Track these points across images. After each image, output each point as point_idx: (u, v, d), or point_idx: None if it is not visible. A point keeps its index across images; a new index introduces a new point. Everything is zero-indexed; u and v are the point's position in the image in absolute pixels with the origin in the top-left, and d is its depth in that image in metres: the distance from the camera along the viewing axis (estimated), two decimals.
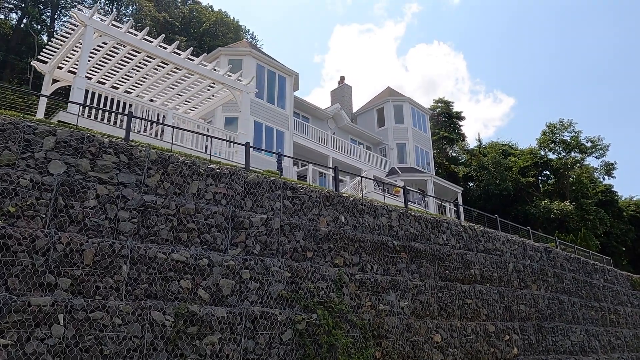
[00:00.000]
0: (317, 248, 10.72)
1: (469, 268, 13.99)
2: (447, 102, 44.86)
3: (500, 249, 16.32)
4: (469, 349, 12.23)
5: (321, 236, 10.86)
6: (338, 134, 31.79)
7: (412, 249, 12.66)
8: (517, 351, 13.71)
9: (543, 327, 15.26)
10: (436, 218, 14.41)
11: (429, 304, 11.98)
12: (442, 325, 11.92)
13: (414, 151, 33.80)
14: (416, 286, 11.89)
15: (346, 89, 38.21)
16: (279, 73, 25.31)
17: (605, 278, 23.16)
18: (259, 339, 8.44)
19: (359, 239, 11.52)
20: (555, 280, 18.12)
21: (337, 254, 10.99)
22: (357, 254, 11.38)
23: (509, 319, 14.33)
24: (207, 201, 9.74)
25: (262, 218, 10.00)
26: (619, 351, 19.35)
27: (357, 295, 10.55)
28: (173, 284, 8.10)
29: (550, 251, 19.20)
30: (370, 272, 11.33)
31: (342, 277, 10.37)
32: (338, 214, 11.82)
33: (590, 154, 38.79)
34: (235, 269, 8.85)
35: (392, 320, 10.77)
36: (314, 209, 11.39)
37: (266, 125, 23.61)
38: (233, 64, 23.89)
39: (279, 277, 9.42)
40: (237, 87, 14.65)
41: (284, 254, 10.08)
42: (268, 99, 24.26)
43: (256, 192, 10.59)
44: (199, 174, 9.84)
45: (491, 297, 14.00)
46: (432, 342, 11.42)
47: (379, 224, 12.68)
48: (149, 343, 7.30)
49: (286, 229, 10.34)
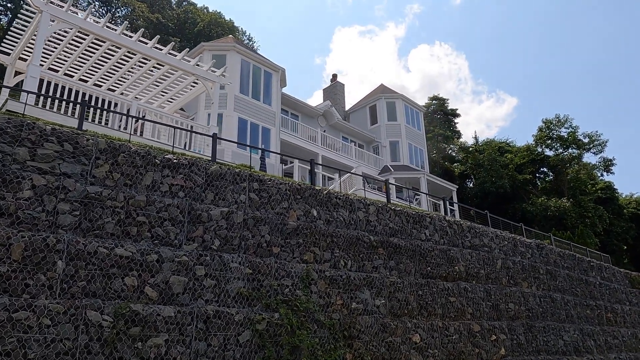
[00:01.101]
0: (284, 243, 10.07)
1: (453, 265, 13.30)
2: (441, 99, 44.15)
3: (489, 245, 15.63)
4: (451, 350, 11.53)
5: (289, 231, 10.21)
6: (329, 131, 31.14)
7: (390, 245, 11.99)
8: (504, 352, 13.00)
9: (533, 327, 14.55)
10: (418, 213, 13.74)
11: (407, 303, 11.29)
12: (422, 324, 11.24)
13: (407, 149, 33.12)
14: (394, 283, 11.21)
15: (339, 86, 37.59)
16: (264, 69, 24.71)
17: (602, 276, 22.41)
18: (211, 341, 7.78)
19: (331, 233, 10.86)
20: (548, 277, 17.40)
21: (307, 249, 10.33)
22: (329, 250, 10.72)
23: (497, 318, 13.63)
24: (163, 193, 9.10)
25: (222, 211, 9.35)
26: (616, 351, 18.60)
27: (327, 293, 9.88)
28: (116, 281, 7.45)
29: (543, 248, 18.48)
30: (343, 269, 10.66)
31: (310, 274, 9.70)
32: (310, 208, 11.17)
33: (588, 150, 37.98)
34: (188, 265, 8.20)
35: (365, 319, 10.09)
36: (283, 202, 10.74)
37: (251, 122, 22.99)
38: (217, 60, 23.34)
39: (239, 273, 8.76)
40: (209, 78, 14.02)
41: (247, 249, 9.43)
42: (253, 95, 23.64)
43: (218, 185, 9.94)
44: (154, 164, 9.21)
45: (477, 295, 13.31)
46: (410, 342, 10.73)
47: (355, 218, 12.02)
48: (83, 345, 6.65)
49: (250, 223, 9.69)
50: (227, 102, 22.37)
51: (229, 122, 21.95)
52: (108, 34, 12.09)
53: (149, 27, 48.65)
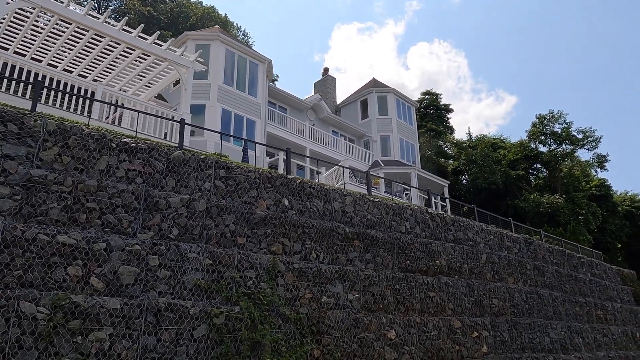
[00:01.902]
0: (251, 234, 9.54)
1: (434, 258, 12.79)
2: (434, 94, 43.58)
3: (474, 239, 15.13)
4: (429, 347, 11.03)
5: (257, 220, 9.68)
6: (318, 125, 30.58)
7: (367, 237, 11.47)
8: (486, 349, 12.50)
9: (518, 323, 14.06)
10: (399, 204, 13.22)
11: (383, 297, 10.78)
12: (398, 320, 10.72)
13: (398, 143, 32.59)
14: (369, 277, 10.69)
15: (330, 80, 37.01)
16: (250, 59, 24.12)
17: (593, 272, 21.96)
18: (162, 335, 7.24)
19: (303, 224, 10.33)
20: (535, 273, 16.92)
21: (275, 240, 9.80)
22: (299, 241, 10.19)
23: (479, 314, 13.13)
24: (118, 179, 8.56)
25: (183, 199, 8.81)
26: (605, 349, 18.14)
27: (295, 286, 9.35)
28: (57, 270, 6.91)
29: (531, 243, 18.00)
30: (314, 261, 10.14)
31: (276, 266, 9.17)
32: (281, 197, 10.64)
33: (582, 146, 37.50)
34: (140, 255, 7.66)
35: (336, 314, 9.57)
36: (252, 190, 10.21)
37: (235, 114, 22.42)
38: (201, 49, 22.72)
39: (197, 264, 8.23)
40: (182, 64, 13.47)
41: (209, 239, 8.89)
42: (238, 86, 23.06)
43: (181, 171, 9.41)
44: (110, 148, 8.67)
45: (459, 290, 12.80)
46: (384, 338, 10.22)
47: (330, 209, 11.49)
48: (14, 340, 6.11)
49: (214, 211, 9.16)
50: (210, 92, 21.80)
51: (212, 113, 21.38)
52: (73, 15, 11.52)
53: (140, 21, 47.94)
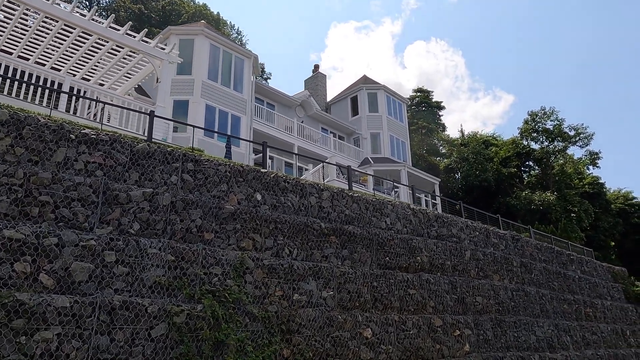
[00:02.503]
0: (219, 229, 9.18)
1: (415, 255, 12.46)
2: (426, 91, 43.24)
3: (458, 235, 14.80)
4: (407, 346, 10.68)
5: (225, 215, 9.31)
6: (308, 122, 30.22)
7: (344, 233, 11.12)
8: (469, 348, 12.17)
9: (503, 321, 13.73)
10: (379, 199, 12.88)
11: (359, 295, 10.43)
12: (375, 318, 10.37)
13: (388, 141, 32.26)
14: (344, 274, 10.33)
15: (320, 77, 36.66)
16: (235, 54, 23.73)
17: (582, 269, 21.69)
18: (116, 335, 6.87)
19: (275, 219, 9.97)
20: (522, 270, 16.61)
21: (245, 235, 9.44)
22: (271, 237, 9.83)
23: (462, 312, 12.80)
24: (77, 171, 8.18)
25: (145, 192, 8.43)
26: (594, 347, 17.85)
27: (264, 283, 8.99)
28: (3, 267, 6.53)
29: (518, 239, 17.69)
30: (286, 258, 9.78)
31: (244, 262, 8.81)
32: (253, 192, 10.28)
33: (574, 143, 37.24)
34: (95, 250, 7.29)
35: (308, 312, 9.21)
36: (222, 184, 9.84)
37: (220, 109, 22.03)
38: (184, 44, 22.38)
39: (159, 260, 7.86)
40: (157, 56, 13.08)
41: (173, 234, 8.53)
42: (223, 81, 22.68)
43: (145, 164, 9.03)
44: (68, 139, 8.29)
45: (441, 288, 12.47)
46: (360, 337, 9.87)
47: (306, 204, 11.14)
48: None
49: (179, 206, 8.79)
50: (193, 88, 21.43)
51: (195, 109, 21.00)
52: (40, 4, 11.12)
53: (131, 19, 47.45)
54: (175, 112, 20.93)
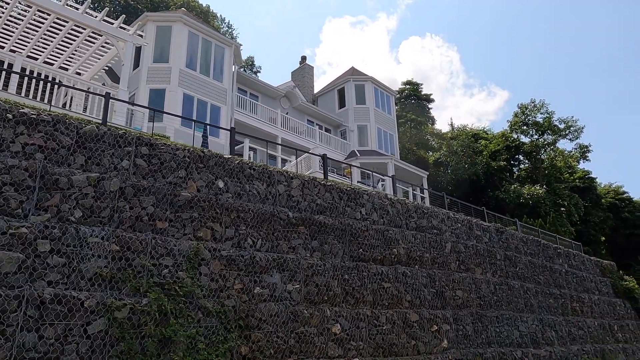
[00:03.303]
0: (174, 217, 8.54)
1: (390, 247, 11.87)
2: (415, 83, 42.61)
3: (438, 227, 14.24)
4: (379, 342, 10.11)
5: (181, 203, 8.67)
6: (293, 114, 29.55)
7: (314, 223, 10.51)
8: (447, 344, 11.62)
9: (484, 316, 13.20)
10: (354, 189, 12.27)
11: (328, 288, 9.83)
12: (346, 313, 9.79)
13: (375, 133, 31.65)
14: (312, 266, 9.73)
15: (307, 69, 35.96)
16: (216, 43, 23.00)
17: (570, 263, 21.21)
18: (45, 331, 6.23)
19: (237, 208, 9.34)
20: (507, 263, 16.09)
21: (203, 225, 8.80)
22: (233, 226, 9.20)
23: (441, 307, 12.24)
24: (13, 154, 7.51)
25: (90, 177, 7.77)
26: (580, 342, 17.38)
27: (222, 275, 8.37)
28: None
29: (503, 232, 17.16)
30: (249, 249, 9.16)
31: (200, 253, 8.18)
32: (215, 179, 9.63)
33: (564, 136, 36.81)
34: (27, 239, 6.63)
35: (270, 307, 8.60)
36: (179, 170, 9.19)
37: (198, 99, 21.33)
38: (162, 31, 21.64)
39: (101, 250, 7.21)
40: (120, 37, 12.37)
41: (121, 222, 7.88)
42: (202, 70, 21.96)
43: (93, 147, 8.37)
44: (5, 119, 7.61)
45: (418, 281, 11.90)
46: (328, 333, 9.28)
47: (274, 192, 10.51)
48: None
49: (129, 192, 8.14)
50: (170, 76, 20.70)
51: (172, 98, 20.29)
52: None
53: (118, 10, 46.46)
54: (152, 101, 20.21)
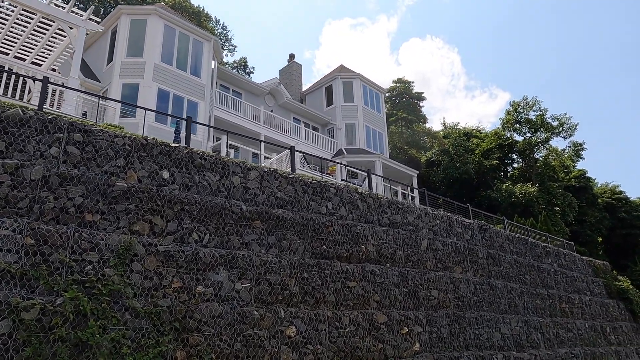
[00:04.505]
0: (107, 210, 7.79)
1: (358, 243, 11.11)
2: (407, 82, 41.87)
3: (414, 223, 13.48)
4: (341, 345, 9.34)
5: (116, 194, 7.92)
6: (279, 112, 28.84)
7: (271, 217, 9.76)
8: (419, 347, 10.85)
9: (462, 318, 12.43)
10: (320, 182, 11.52)
11: (284, 287, 9.07)
12: (303, 314, 9.03)
13: (364, 131, 30.93)
14: (266, 263, 8.97)
15: (295, 67, 35.29)
16: (193, 37, 22.30)
17: (559, 263, 20.43)
18: None
19: (182, 200, 8.60)
20: (490, 262, 15.32)
21: (141, 218, 8.06)
22: (176, 220, 8.45)
23: (413, 307, 11.48)
24: None
25: (5, 164, 7.04)
26: (569, 345, 16.59)
27: (157, 273, 7.61)
28: None
29: (486, 229, 16.39)
30: (193, 244, 8.40)
31: (132, 248, 7.43)
32: (159, 168, 8.89)
33: (557, 134, 36.03)
34: None
35: (213, 307, 7.84)
36: (118, 159, 8.45)
37: (174, 94, 20.61)
38: (136, 25, 20.99)
39: (11, 244, 6.47)
40: (71, 22, 11.66)
41: (42, 214, 7.13)
42: (178, 64, 21.25)
43: (16, 132, 7.63)
44: None
45: (388, 280, 11.13)
46: (281, 336, 8.52)
47: (228, 184, 9.76)
48: None
49: (54, 181, 7.39)
50: (144, 70, 19.99)
51: (146, 93, 19.57)
52: None
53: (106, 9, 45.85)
54: (125, 96, 19.51)
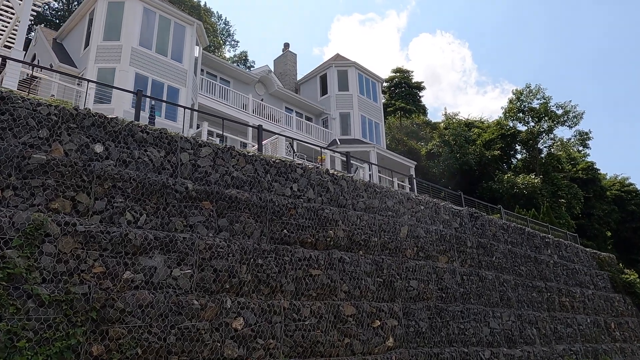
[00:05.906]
0: (20, 185, 6.87)
1: (326, 228, 10.10)
2: (405, 71, 40.63)
3: (395, 208, 12.43)
4: (298, 339, 8.35)
5: (32, 167, 7.00)
6: (270, 101, 27.86)
7: (223, 198, 8.79)
8: (393, 342, 9.82)
9: (445, 310, 11.37)
10: (285, 162, 10.53)
11: (232, 274, 8.09)
12: (254, 305, 8.05)
13: (359, 121, 29.82)
14: (211, 247, 8.00)
15: (289, 56, 34.24)
16: (175, 21, 21.38)
17: (560, 254, 19.24)
18: None
19: (113, 176, 7.65)
20: (480, 252, 14.22)
21: (61, 194, 7.12)
22: (105, 198, 7.51)
23: (388, 299, 10.45)
24: None
25: None
26: (568, 341, 15.45)
27: (75, 256, 6.68)
28: None
29: (478, 217, 15.28)
30: (125, 225, 7.46)
31: (44, 227, 6.49)
32: (91, 142, 7.95)
33: (562, 123, 34.61)
34: None
35: (143, 295, 6.89)
36: (41, 130, 7.53)
37: (153, 79, 19.71)
38: (114, 8, 20.12)
39: None
40: None
41: None
42: (158, 49, 20.33)
43: None
44: None
45: (359, 269, 10.11)
46: (227, 329, 7.56)
47: (174, 161, 8.81)
48: None
49: None
50: (121, 54, 19.11)
51: (123, 77, 18.68)
52: None
53: None
54: (101, 81, 18.62)
